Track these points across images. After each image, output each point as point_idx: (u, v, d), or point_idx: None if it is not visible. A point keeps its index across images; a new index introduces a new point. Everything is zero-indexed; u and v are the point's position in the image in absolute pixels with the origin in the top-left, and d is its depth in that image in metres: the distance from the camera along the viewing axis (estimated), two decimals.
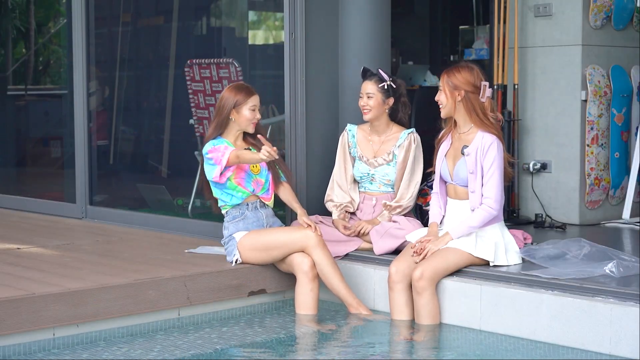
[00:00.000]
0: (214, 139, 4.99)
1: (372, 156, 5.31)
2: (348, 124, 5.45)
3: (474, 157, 4.63)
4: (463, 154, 4.68)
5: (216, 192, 5.02)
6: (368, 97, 5.25)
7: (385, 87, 5.27)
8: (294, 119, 5.56)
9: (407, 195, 5.22)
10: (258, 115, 5.01)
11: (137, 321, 4.50)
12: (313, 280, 4.76)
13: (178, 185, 7.27)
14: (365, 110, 5.26)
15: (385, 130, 5.34)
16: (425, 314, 4.53)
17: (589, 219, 6.27)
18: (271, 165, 5.07)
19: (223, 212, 5.04)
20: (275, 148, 4.76)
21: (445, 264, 4.56)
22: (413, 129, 5.31)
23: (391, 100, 5.31)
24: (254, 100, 5.00)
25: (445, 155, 4.79)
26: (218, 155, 4.90)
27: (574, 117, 6.20)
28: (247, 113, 4.98)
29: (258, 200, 5.02)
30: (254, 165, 5.00)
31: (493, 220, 4.67)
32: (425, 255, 4.59)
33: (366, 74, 5.34)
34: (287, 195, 5.16)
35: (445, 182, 4.84)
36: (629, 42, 6.47)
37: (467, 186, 4.70)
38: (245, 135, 5.08)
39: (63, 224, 6.75)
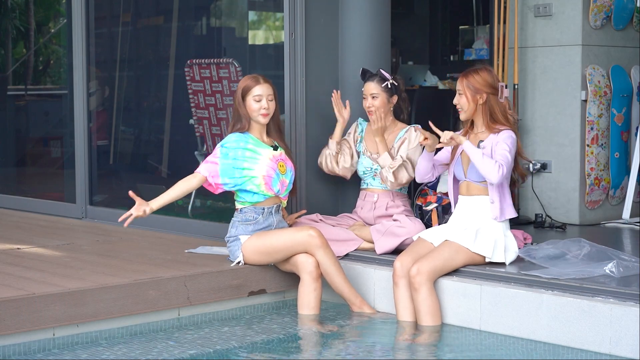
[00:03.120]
0: (241, 132, 4.96)
1: (376, 151, 5.33)
2: (360, 118, 5.45)
3: (489, 149, 4.68)
4: (479, 147, 4.70)
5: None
6: (373, 98, 5.28)
7: (389, 85, 5.29)
8: (294, 119, 5.55)
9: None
10: (265, 105, 4.92)
11: (137, 321, 4.50)
12: (317, 280, 4.76)
13: None
14: (370, 111, 5.29)
15: (390, 128, 5.36)
16: (425, 311, 4.52)
17: (589, 219, 6.27)
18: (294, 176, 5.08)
19: (238, 206, 4.99)
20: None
21: (442, 260, 4.57)
22: (412, 126, 5.33)
23: (395, 98, 5.34)
24: (259, 89, 4.92)
25: (460, 154, 4.82)
26: (208, 159, 4.92)
27: (574, 117, 6.21)
28: (252, 103, 4.93)
29: (275, 205, 5.00)
30: (282, 165, 4.97)
31: (507, 211, 4.66)
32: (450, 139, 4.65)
33: (366, 75, 5.36)
34: None
35: (458, 181, 4.85)
36: (629, 42, 6.47)
37: (480, 182, 4.72)
38: (270, 131, 5.04)
39: (63, 224, 6.75)
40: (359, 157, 5.41)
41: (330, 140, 5.39)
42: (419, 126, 5.27)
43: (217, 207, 6.67)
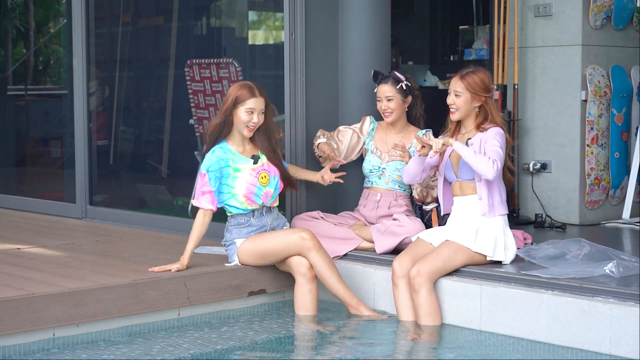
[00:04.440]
0: (217, 142, 4.91)
1: (387, 151, 5.33)
2: (371, 117, 5.45)
3: (478, 145, 4.67)
4: (467, 145, 4.70)
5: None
6: (388, 100, 5.29)
7: (403, 87, 5.30)
8: (294, 119, 5.55)
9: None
10: (255, 119, 4.87)
11: (137, 321, 4.50)
12: (312, 281, 4.75)
13: (178, 185, 7.26)
14: (387, 114, 5.31)
15: (403, 130, 5.38)
16: (424, 312, 4.52)
17: (589, 219, 6.27)
18: (284, 175, 5.03)
19: (228, 213, 5.01)
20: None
21: (441, 261, 4.57)
22: (429, 130, 5.34)
23: (409, 99, 5.37)
24: (254, 102, 4.85)
25: (449, 157, 4.81)
26: (199, 191, 4.86)
27: (574, 117, 6.20)
28: (243, 115, 4.87)
29: (264, 208, 5.00)
30: (264, 176, 4.94)
31: (498, 208, 4.66)
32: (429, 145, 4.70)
33: (378, 77, 5.37)
34: (296, 171, 5.30)
35: (450, 183, 4.85)
36: (629, 42, 6.47)
37: (471, 180, 4.72)
38: (255, 140, 4.97)
39: (63, 224, 6.75)
40: (365, 154, 5.42)
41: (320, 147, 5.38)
42: (430, 131, 5.32)
43: None
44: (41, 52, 9.27)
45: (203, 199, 4.86)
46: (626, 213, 6.29)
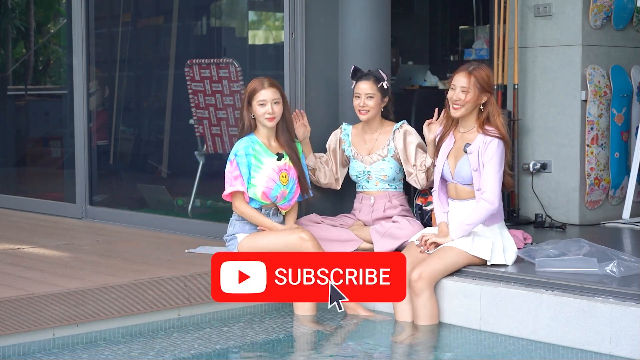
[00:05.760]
0: (246, 134, 4.96)
1: (367, 153, 5.32)
2: (344, 123, 5.45)
3: (476, 154, 4.64)
4: (466, 152, 4.68)
5: None
6: (368, 98, 5.24)
7: (384, 86, 5.28)
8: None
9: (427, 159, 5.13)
10: (269, 110, 4.90)
11: (137, 321, 4.50)
12: None
13: (178, 185, 7.27)
14: (363, 112, 5.25)
15: (378, 128, 5.34)
16: (424, 315, 4.52)
17: (589, 219, 6.27)
18: (301, 179, 5.04)
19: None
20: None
21: (443, 265, 4.56)
22: (404, 121, 5.31)
23: (386, 99, 5.32)
24: (264, 94, 4.90)
25: (447, 155, 4.79)
26: (231, 177, 4.89)
27: (574, 117, 6.20)
28: (258, 108, 4.92)
29: (274, 207, 5.01)
30: (284, 175, 4.96)
31: (495, 218, 4.67)
32: (432, 244, 4.66)
33: (357, 73, 5.34)
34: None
35: (446, 181, 4.84)
36: (629, 42, 6.47)
37: (468, 185, 4.71)
38: (279, 134, 5.02)
39: (63, 224, 6.75)
40: (349, 162, 5.40)
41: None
42: (405, 122, 5.29)
43: (217, 207, 6.67)
44: (41, 52, 9.27)
45: (237, 183, 4.89)
46: (626, 213, 6.29)
